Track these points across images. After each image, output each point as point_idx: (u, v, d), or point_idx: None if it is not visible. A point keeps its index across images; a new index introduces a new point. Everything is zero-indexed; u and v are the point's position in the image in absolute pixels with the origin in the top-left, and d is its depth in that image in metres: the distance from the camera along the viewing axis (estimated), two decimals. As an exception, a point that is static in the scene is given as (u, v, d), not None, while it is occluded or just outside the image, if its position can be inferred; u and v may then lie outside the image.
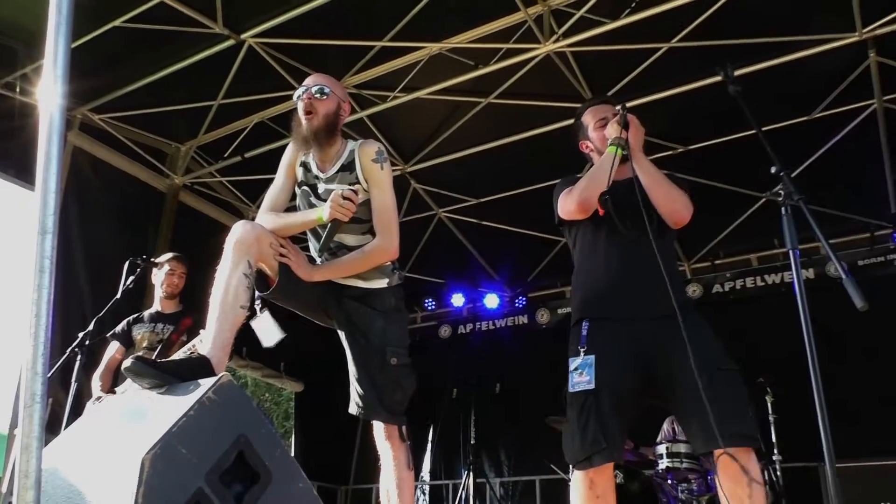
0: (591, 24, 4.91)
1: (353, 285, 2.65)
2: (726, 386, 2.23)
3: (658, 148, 6.15)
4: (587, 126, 2.80)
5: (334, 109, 2.62)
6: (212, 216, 7.27)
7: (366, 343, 2.58)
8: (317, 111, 2.57)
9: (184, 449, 1.36)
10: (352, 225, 2.59)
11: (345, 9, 5.04)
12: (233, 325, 2.26)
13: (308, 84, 2.64)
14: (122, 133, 6.33)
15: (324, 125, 2.57)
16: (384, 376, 2.54)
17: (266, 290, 2.49)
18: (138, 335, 4.40)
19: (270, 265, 2.45)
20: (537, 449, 7.21)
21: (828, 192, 6.19)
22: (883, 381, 6.08)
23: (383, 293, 2.65)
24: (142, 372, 1.83)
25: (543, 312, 8.00)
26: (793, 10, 4.87)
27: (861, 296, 1.70)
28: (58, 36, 1.42)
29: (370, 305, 2.62)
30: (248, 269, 2.32)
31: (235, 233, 2.39)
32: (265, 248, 2.41)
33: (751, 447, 2.19)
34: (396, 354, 2.56)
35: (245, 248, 2.35)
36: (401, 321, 2.66)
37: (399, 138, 6.66)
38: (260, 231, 2.43)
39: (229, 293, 2.27)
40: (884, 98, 5.46)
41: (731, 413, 2.17)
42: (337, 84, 2.73)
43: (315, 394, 8.07)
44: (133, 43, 5.32)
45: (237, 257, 2.33)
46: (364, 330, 2.59)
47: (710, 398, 2.15)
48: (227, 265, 2.32)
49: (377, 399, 2.55)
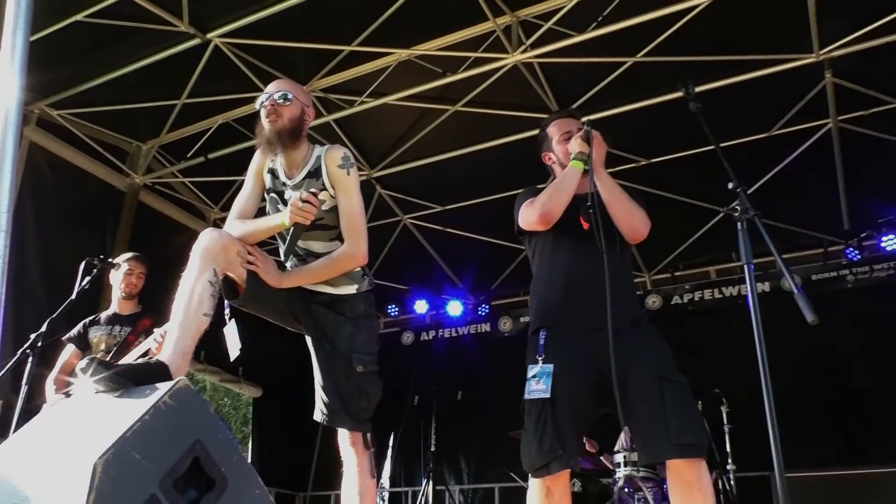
0: (558, 36, 4.97)
1: (322, 291, 2.63)
2: (677, 398, 2.28)
3: (621, 160, 6.25)
4: (551, 138, 2.83)
5: (298, 114, 2.61)
6: (173, 217, 7.15)
7: (332, 349, 2.56)
8: (280, 115, 2.56)
9: (137, 454, 1.33)
10: (319, 231, 2.59)
11: (314, 12, 5.01)
12: (195, 333, 2.23)
13: (270, 90, 2.62)
14: (82, 130, 6.19)
15: (288, 127, 2.56)
16: (349, 383, 2.53)
17: (235, 297, 2.47)
18: (94, 338, 4.26)
19: (238, 273, 2.43)
20: (497, 457, 7.23)
21: (784, 207, 6.35)
22: (833, 392, 6.26)
23: (353, 299, 2.64)
24: (96, 374, 1.79)
25: (506, 320, 8.04)
26: (754, 31, 5.00)
27: (812, 310, 1.75)
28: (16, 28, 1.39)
29: (339, 312, 2.61)
30: (214, 277, 2.30)
31: (202, 241, 2.36)
32: (232, 256, 2.39)
33: (701, 458, 2.23)
34: (363, 362, 2.54)
35: (211, 256, 2.33)
36: (370, 328, 2.66)
37: (365, 143, 6.65)
38: (227, 239, 2.41)
39: (193, 300, 2.25)
40: (839, 118, 5.63)
41: (682, 424, 2.22)
42: (300, 89, 2.72)
43: (274, 399, 7.98)
44: (95, 38, 5.21)
45: (203, 265, 2.31)
46: (331, 336, 2.57)
47: (661, 410, 2.21)
48: (192, 272, 2.30)
49: (342, 406, 2.53)
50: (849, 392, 6.19)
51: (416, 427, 7.40)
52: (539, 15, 5.11)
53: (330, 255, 2.58)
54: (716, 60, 5.09)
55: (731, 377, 5.44)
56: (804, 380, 6.29)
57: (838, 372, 6.29)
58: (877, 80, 5.27)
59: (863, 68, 5.14)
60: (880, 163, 5.89)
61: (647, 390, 2.28)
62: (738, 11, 4.79)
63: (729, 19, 4.88)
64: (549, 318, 2.54)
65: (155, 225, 6.90)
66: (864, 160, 5.95)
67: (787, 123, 5.70)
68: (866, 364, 6.17)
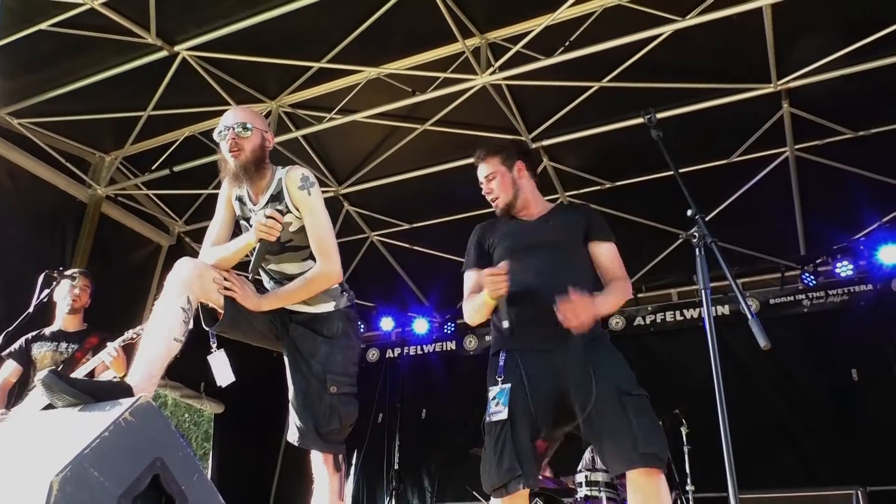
0: (526, 59, 5.05)
1: (299, 311, 2.65)
2: (637, 410, 2.33)
3: (586, 183, 6.35)
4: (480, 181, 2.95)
5: (259, 143, 2.60)
6: (135, 229, 7.03)
7: (307, 370, 2.56)
8: (242, 148, 2.55)
9: (95, 472, 1.31)
10: (290, 253, 2.61)
11: (283, 28, 5.02)
12: (163, 358, 2.23)
13: (229, 122, 2.59)
14: (43, 139, 6.07)
15: (251, 159, 2.56)
16: (322, 404, 2.52)
17: (214, 323, 2.48)
18: (39, 353, 4.11)
19: (215, 300, 2.45)
20: (460, 475, 7.22)
21: (744, 232, 6.50)
22: (789, 414, 6.38)
23: (331, 317, 2.66)
24: (56, 388, 1.76)
25: (471, 339, 8.05)
26: (714, 60, 5.15)
27: (765, 336, 1.80)
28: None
29: (317, 331, 2.62)
30: (187, 304, 2.31)
31: (177, 270, 2.37)
32: (208, 283, 2.40)
33: (660, 468, 2.28)
34: (337, 382, 2.55)
35: (186, 285, 2.34)
36: (347, 348, 2.66)
37: (333, 160, 6.65)
38: (202, 268, 2.43)
39: (164, 325, 2.25)
40: (795, 147, 5.80)
41: (646, 435, 2.27)
42: (257, 116, 2.71)
43: (236, 416, 7.85)
44: (59, 48, 5.15)
45: (177, 292, 2.32)
46: (307, 356, 2.58)
47: (625, 421, 2.27)
48: (165, 299, 2.31)
49: (314, 427, 2.52)
50: (803, 414, 6.32)
51: (380, 445, 7.36)
52: (508, 38, 5.20)
53: (304, 275, 2.59)
54: (677, 88, 5.23)
55: (690, 398, 5.52)
56: (761, 402, 6.41)
57: (793, 394, 6.42)
58: (831, 112, 5.45)
59: (818, 99, 5.32)
60: (835, 191, 6.07)
61: (610, 403, 2.33)
62: (699, 41, 4.92)
63: (690, 49, 5.02)
64: (508, 339, 2.57)
65: (117, 237, 6.78)
66: (819, 188, 6.13)
67: (746, 151, 5.86)
68: (820, 387, 6.31)
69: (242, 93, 5.81)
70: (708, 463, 4.52)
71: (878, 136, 5.47)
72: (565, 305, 2.35)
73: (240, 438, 7.88)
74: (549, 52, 4.98)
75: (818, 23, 4.77)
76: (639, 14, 4.74)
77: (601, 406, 2.33)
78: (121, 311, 6.00)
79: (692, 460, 5.41)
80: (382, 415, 7.60)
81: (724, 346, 1.98)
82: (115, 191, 6.66)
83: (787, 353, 6.38)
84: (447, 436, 7.67)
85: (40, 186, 6.10)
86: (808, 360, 6.43)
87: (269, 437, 7.94)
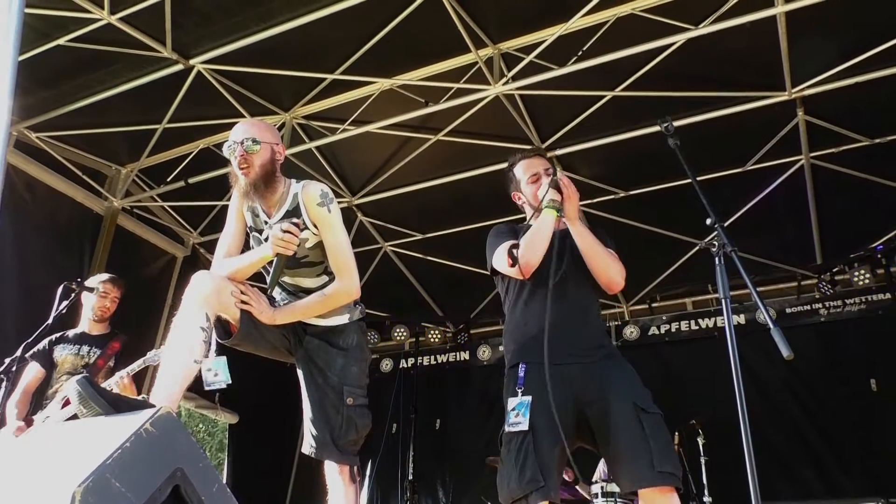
0: (539, 69, 5.05)
1: (314, 324, 2.66)
2: (653, 428, 2.32)
3: (600, 192, 6.33)
4: (519, 180, 2.88)
5: (269, 157, 2.57)
6: (151, 241, 7.09)
7: (323, 381, 2.57)
8: (252, 164, 2.52)
9: (117, 482, 1.32)
10: (306, 269, 2.62)
11: (297, 40, 5.07)
12: (184, 380, 2.25)
13: (237, 137, 2.56)
14: (60, 153, 6.14)
15: (261, 175, 2.53)
16: (339, 416, 2.53)
17: (228, 336, 2.49)
18: (60, 356, 4.13)
19: (232, 314, 2.46)
20: (474, 486, 7.19)
21: (759, 240, 6.47)
22: (807, 425, 6.31)
23: (345, 329, 2.67)
24: (88, 395, 1.77)
25: (485, 349, 8.04)
26: (728, 68, 5.13)
27: (787, 345, 1.78)
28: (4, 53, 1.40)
29: (332, 343, 2.63)
30: (206, 323, 2.32)
31: (195, 285, 2.38)
32: (225, 298, 2.42)
33: (674, 486, 2.26)
34: (353, 394, 2.56)
35: (203, 300, 2.35)
36: (361, 360, 2.67)
37: (347, 171, 6.68)
38: (220, 282, 2.43)
39: (184, 347, 2.27)
40: (810, 154, 5.77)
41: (661, 453, 2.26)
42: (266, 129, 2.67)
43: (250, 426, 7.87)
44: (76, 62, 5.21)
45: (195, 309, 2.32)
46: (323, 368, 2.59)
47: (642, 438, 2.26)
48: (183, 318, 2.32)
49: (330, 438, 2.52)
50: (822, 425, 6.24)
51: (394, 456, 7.33)
52: (521, 48, 5.21)
53: (323, 290, 2.60)
54: (691, 96, 5.21)
55: (706, 408, 5.49)
56: (777, 412, 6.35)
57: (811, 404, 6.35)
58: (846, 119, 5.42)
59: (833, 107, 5.29)
60: (851, 199, 6.03)
61: (627, 420, 2.33)
62: (712, 49, 4.91)
63: (704, 57, 5.00)
64: (527, 353, 2.58)
65: (133, 249, 6.83)
66: (835, 196, 6.09)
67: (761, 159, 5.83)
68: (838, 398, 6.24)
69: (256, 105, 5.85)
70: (725, 474, 4.47)
71: (894, 143, 5.43)
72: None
73: (254, 449, 7.89)
74: (562, 61, 4.98)
75: (832, 30, 4.75)
76: (652, 23, 4.74)
77: (617, 422, 2.33)
78: (136, 322, 6.03)
79: (709, 471, 5.36)
80: (397, 425, 7.57)
81: (739, 356, 1.96)
82: (130, 203, 6.72)
83: (804, 362, 6.31)
84: (461, 446, 7.64)
85: (58, 199, 6.17)
86: (825, 370, 6.36)
87: (283, 447, 7.94)
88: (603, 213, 6.48)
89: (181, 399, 2.36)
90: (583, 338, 2.43)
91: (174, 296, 6.83)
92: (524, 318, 2.68)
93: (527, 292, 2.70)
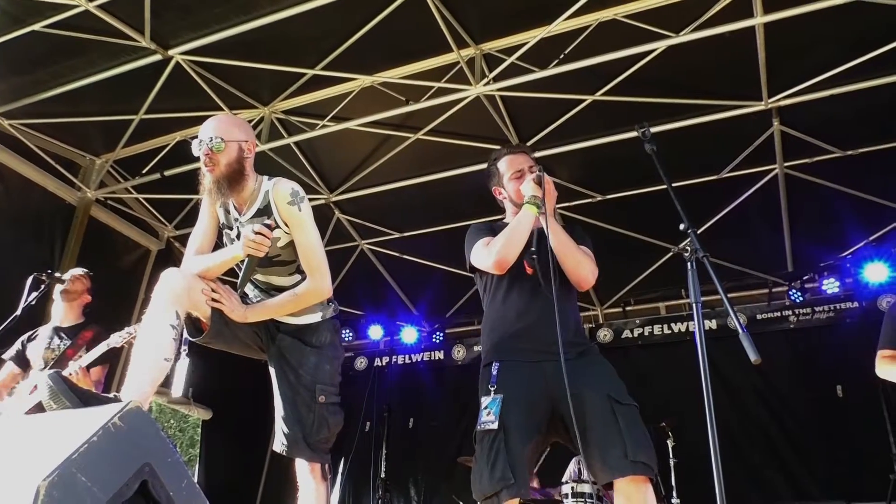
0: (520, 70, 5.07)
1: (287, 322, 2.65)
2: (628, 419, 2.34)
3: (577, 195, 6.38)
4: (503, 175, 2.87)
5: (235, 156, 2.53)
6: (125, 234, 7.00)
7: (296, 379, 2.56)
8: (217, 162, 2.50)
9: (83, 477, 1.30)
10: (278, 267, 2.61)
11: (278, 34, 5.03)
12: (155, 380, 2.22)
13: (203, 136, 2.53)
14: (33, 141, 6.04)
15: (225, 173, 2.50)
16: (311, 414, 2.53)
17: (199, 334, 2.47)
18: (33, 354, 4.09)
19: (202, 311, 2.44)
20: (446, 484, 7.21)
21: (732, 247, 6.55)
22: (775, 429, 6.41)
23: (318, 327, 2.67)
24: (59, 389, 1.75)
25: (460, 349, 8.06)
26: (706, 77, 5.19)
27: (755, 350, 1.81)
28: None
29: (304, 341, 2.62)
30: (176, 321, 2.29)
31: (165, 282, 2.35)
32: (196, 296, 2.39)
33: (648, 477, 2.29)
34: (325, 392, 2.56)
35: (174, 298, 2.32)
36: (334, 358, 2.67)
37: (325, 167, 6.65)
38: (190, 280, 2.41)
39: (153, 345, 2.24)
40: (785, 164, 5.86)
41: (636, 443, 2.29)
42: (236, 125, 2.62)
43: (223, 422, 7.81)
44: (52, 49, 5.13)
45: (165, 307, 2.30)
46: (295, 366, 2.58)
47: (616, 429, 2.29)
48: (154, 316, 2.29)
49: (302, 436, 2.51)
50: (788, 429, 6.35)
51: (367, 454, 7.33)
52: (502, 49, 5.22)
53: (294, 290, 2.59)
54: (669, 103, 5.26)
55: (677, 412, 5.56)
56: (747, 416, 6.45)
57: (779, 409, 6.45)
58: (821, 130, 5.51)
59: (807, 118, 5.38)
60: (823, 209, 6.13)
61: (601, 412, 2.34)
62: (692, 58, 4.97)
63: (683, 65, 5.06)
64: (501, 350, 2.59)
65: (106, 241, 6.74)
66: (808, 205, 6.19)
67: (736, 167, 5.91)
68: (805, 403, 6.34)
69: (235, 98, 5.80)
70: (694, 476, 4.53)
71: (866, 156, 5.54)
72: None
73: (227, 445, 7.83)
74: (544, 64, 5.01)
75: (810, 43, 4.83)
76: (633, 29, 4.78)
77: (593, 413, 2.34)
78: (109, 316, 5.94)
79: (678, 473, 5.42)
80: (370, 423, 7.57)
81: (710, 361, 1.98)
82: (104, 194, 6.62)
83: (773, 368, 6.42)
84: (434, 445, 7.65)
85: (29, 188, 6.06)
86: (793, 376, 6.47)
87: (256, 443, 7.89)
88: (579, 217, 6.52)
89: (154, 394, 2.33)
90: (562, 336, 2.43)
91: (147, 290, 6.74)
92: (501, 314, 2.68)
93: (503, 289, 2.71)
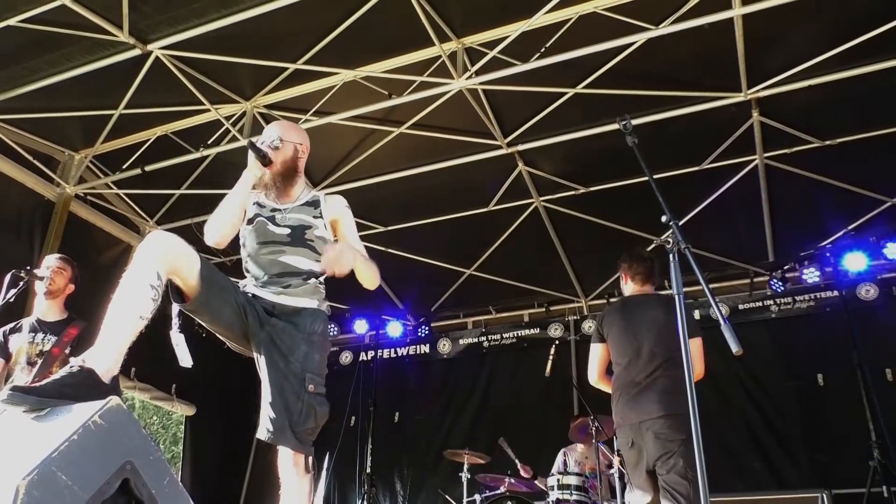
0: (502, 64, 5.07)
1: (282, 303, 2.66)
2: None
3: (561, 187, 6.39)
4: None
5: (291, 155, 2.87)
6: (105, 229, 6.93)
7: (285, 366, 2.53)
8: (274, 160, 2.79)
9: (64, 475, 1.29)
10: (307, 250, 2.74)
11: (259, 28, 4.99)
12: (129, 334, 2.10)
13: (264, 138, 2.85)
14: (10, 136, 5.95)
15: (281, 171, 2.81)
16: (300, 402, 2.51)
17: (183, 302, 2.38)
18: (15, 347, 3.97)
19: (184, 279, 2.34)
20: (432, 479, 7.22)
21: (714, 238, 6.61)
22: (757, 418, 6.48)
23: (313, 314, 2.68)
24: (21, 402, 1.69)
25: (445, 342, 8.07)
26: (687, 69, 5.22)
27: (737, 341, 1.83)
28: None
29: (298, 326, 2.61)
30: (157, 280, 2.19)
31: (151, 241, 2.27)
32: (180, 261, 2.30)
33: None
34: (314, 382, 2.55)
35: (158, 257, 2.23)
36: (324, 350, 2.68)
37: (308, 162, 6.51)
38: (176, 242, 2.30)
39: (129, 300, 2.14)
40: (764, 154, 5.91)
41: None
42: (292, 129, 2.99)
43: (207, 418, 7.77)
44: (28, 44, 5.06)
45: (147, 265, 2.20)
46: (286, 352, 2.55)
47: None
48: (133, 272, 2.20)
49: (289, 425, 2.48)
50: (770, 418, 6.42)
51: (353, 448, 7.32)
52: (484, 43, 5.22)
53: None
54: (650, 95, 5.29)
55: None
56: (728, 405, 6.51)
57: (761, 399, 6.52)
58: (800, 121, 5.56)
59: (787, 109, 5.42)
60: (802, 199, 6.19)
61: None
62: (671, 50, 4.99)
63: (663, 57, 5.08)
64: None
65: (86, 237, 6.67)
66: (788, 196, 6.24)
67: (717, 158, 5.94)
68: (786, 392, 6.42)
69: (217, 93, 5.75)
70: (678, 466, 4.56)
71: (845, 146, 5.59)
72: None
73: (211, 441, 7.80)
74: (525, 57, 5.01)
75: (788, 34, 4.87)
76: (613, 22, 4.79)
77: None
78: (88, 313, 5.88)
79: (662, 463, 5.46)
80: (355, 417, 7.56)
81: (694, 351, 2.01)
82: (84, 190, 6.55)
83: (755, 357, 6.49)
84: (420, 439, 7.66)
85: (7, 184, 5.99)
86: (775, 365, 6.54)
87: (240, 439, 7.87)
88: (563, 209, 6.54)
89: (137, 391, 2.29)
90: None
91: (129, 286, 6.68)
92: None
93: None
